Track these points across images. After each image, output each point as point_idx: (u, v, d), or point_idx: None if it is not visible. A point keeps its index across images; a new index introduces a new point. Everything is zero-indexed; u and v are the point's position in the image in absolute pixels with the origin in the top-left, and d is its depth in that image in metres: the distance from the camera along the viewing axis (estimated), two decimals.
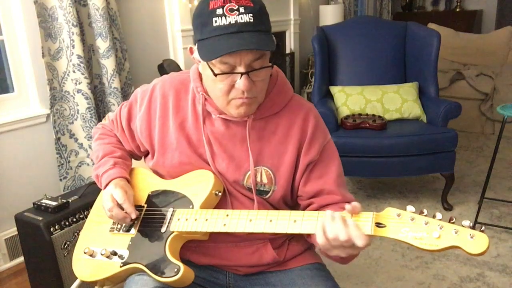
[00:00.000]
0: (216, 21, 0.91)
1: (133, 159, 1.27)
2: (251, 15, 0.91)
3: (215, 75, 0.94)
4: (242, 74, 0.93)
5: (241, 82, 0.94)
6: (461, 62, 4.53)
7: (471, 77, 4.12)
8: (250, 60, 0.93)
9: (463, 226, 0.78)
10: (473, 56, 4.59)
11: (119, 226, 1.13)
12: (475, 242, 0.76)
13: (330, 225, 0.87)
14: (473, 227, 0.79)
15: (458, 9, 6.42)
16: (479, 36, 4.83)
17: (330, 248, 0.89)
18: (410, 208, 0.84)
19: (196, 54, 1.00)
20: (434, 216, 0.81)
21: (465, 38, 4.71)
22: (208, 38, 0.92)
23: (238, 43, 0.89)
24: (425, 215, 0.82)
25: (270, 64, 0.98)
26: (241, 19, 0.90)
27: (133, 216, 1.08)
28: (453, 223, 0.79)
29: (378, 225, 0.84)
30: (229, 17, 0.90)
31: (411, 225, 0.81)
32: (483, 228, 0.78)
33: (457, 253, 2.24)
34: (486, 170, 2.58)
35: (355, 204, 0.88)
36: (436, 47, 2.85)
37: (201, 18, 0.94)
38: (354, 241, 0.84)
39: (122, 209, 1.08)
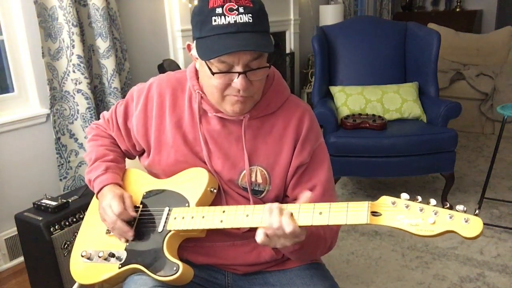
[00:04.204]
0: (215, 20, 0.91)
1: (127, 159, 1.26)
2: (250, 15, 0.91)
3: (213, 73, 0.95)
4: (239, 73, 0.93)
5: (238, 82, 0.94)
6: (461, 62, 4.52)
7: (471, 77, 4.12)
8: (248, 60, 0.93)
9: (457, 211, 0.79)
10: (473, 56, 4.58)
11: None
12: (469, 226, 0.77)
13: (267, 216, 0.90)
14: None
15: (458, 9, 6.41)
16: (479, 36, 4.82)
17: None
18: (405, 195, 0.84)
19: (194, 52, 1.00)
20: (428, 203, 0.82)
21: (465, 38, 4.71)
22: (207, 36, 0.92)
23: (236, 44, 0.89)
24: (420, 202, 0.83)
25: (268, 64, 0.98)
26: (240, 19, 0.90)
27: (133, 214, 1.07)
28: (447, 208, 0.80)
29: (374, 213, 0.84)
30: (228, 16, 0.90)
31: (406, 212, 0.82)
32: (477, 211, 0.79)
33: (457, 253, 2.24)
34: (486, 170, 2.58)
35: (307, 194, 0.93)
36: (436, 47, 2.85)
37: (200, 16, 0.94)
38: (284, 228, 0.87)
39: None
